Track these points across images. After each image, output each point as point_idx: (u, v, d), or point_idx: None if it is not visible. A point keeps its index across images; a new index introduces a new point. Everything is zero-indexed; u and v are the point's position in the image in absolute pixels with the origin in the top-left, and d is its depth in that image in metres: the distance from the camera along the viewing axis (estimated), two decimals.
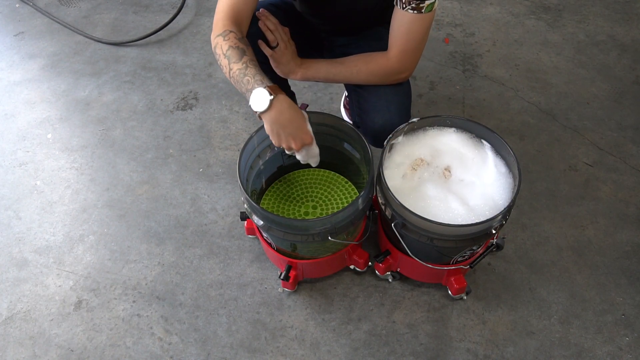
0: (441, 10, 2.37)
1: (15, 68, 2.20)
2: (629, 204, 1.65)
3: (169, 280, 1.51)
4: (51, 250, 1.60)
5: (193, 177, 1.76)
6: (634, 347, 1.35)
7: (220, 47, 1.12)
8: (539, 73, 2.08)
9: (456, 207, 1.18)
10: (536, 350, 1.35)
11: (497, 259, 1.53)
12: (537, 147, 1.81)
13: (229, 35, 1.12)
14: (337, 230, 1.18)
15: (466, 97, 1.98)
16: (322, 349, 1.36)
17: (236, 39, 1.12)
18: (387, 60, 1.25)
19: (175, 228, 1.63)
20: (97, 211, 1.69)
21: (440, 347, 1.36)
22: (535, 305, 1.44)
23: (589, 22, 2.31)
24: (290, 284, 1.41)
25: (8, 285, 1.52)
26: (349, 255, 1.42)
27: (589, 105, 1.95)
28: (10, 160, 1.85)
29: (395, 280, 1.48)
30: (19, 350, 1.39)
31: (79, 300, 1.48)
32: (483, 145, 1.29)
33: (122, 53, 2.24)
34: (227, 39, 1.11)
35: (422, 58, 2.14)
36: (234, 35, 1.12)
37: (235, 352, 1.36)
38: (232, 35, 1.12)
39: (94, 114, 1.99)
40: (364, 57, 1.28)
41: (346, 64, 1.29)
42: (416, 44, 1.21)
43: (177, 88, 2.07)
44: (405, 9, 1.14)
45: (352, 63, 1.29)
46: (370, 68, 1.27)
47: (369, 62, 1.27)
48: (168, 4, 2.49)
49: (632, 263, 1.51)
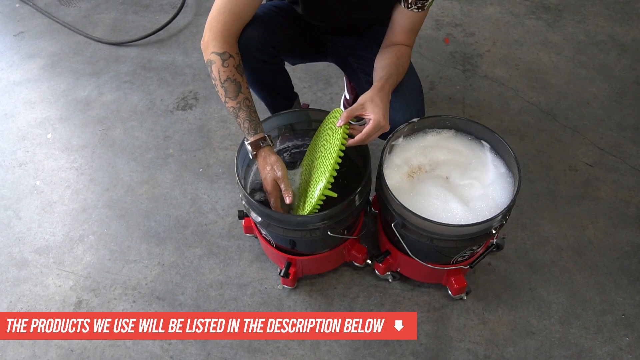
0: (441, 10, 2.37)
1: (15, 68, 2.20)
2: (629, 204, 1.65)
3: (169, 280, 1.51)
4: (51, 250, 1.60)
5: (193, 177, 1.76)
6: (634, 347, 1.35)
7: (218, 72, 1.14)
8: (539, 73, 2.08)
9: (456, 207, 1.18)
10: (536, 350, 1.35)
11: (497, 259, 1.53)
12: (537, 147, 1.81)
13: (228, 62, 1.14)
14: (336, 225, 1.19)
15: (466, 97, 1.98)
16: (322, 349, 1.36)
17: (234, 68, 1.15)
18: (406, 51, 1.28)
19: (175, 228, 1.63)
20: (97, 211, 1.69)
21: (440, 347, 1.36)
22: (535, 305, 1.43)
23: (589, 22, 2.31)
24: (290, 281, 1.41)
25: (8, 285, 1.52)
26: (348, 251, 1.43)
27: (589, 105, 1.95)
28: (10, 160, 1.85)
29: (395, 280, 1.48)
30: (19, 350, 1.39)
31: (79, 300, 1.48)
32: (483, 148, 1.29)
33: (122, 53, 2.24)
34: (226, 65, 1.13)
35: (422, 58, 2.14)
36: (233, 63, 1.14)
37: (235, 352, 1.36)
38: (231, 62, 1.14)
39: (94, 114, 1.99)
40: (394, 64, 1.23)
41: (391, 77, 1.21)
42: (416, 35, 1.30)
43: (177, 88, 2.07)
44: (410, 9, 1.20)
45: (392, 74, 1.22)
46: (405, 66, 1.28)
47: (399, 65, 1.25)
48: (168, 4, 2.49)
49: (632, 263, 1.51)
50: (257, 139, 1.16)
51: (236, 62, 1.15)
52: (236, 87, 1.14)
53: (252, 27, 1.24)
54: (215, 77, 1.15)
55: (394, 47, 1.26)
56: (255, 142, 1.17)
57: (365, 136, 1.11)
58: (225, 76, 1.14)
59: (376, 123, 1.10)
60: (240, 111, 1.15)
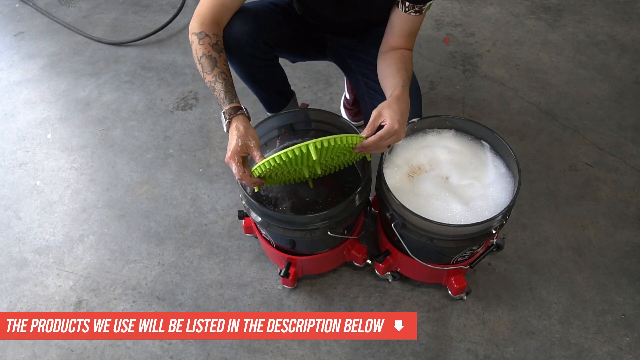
0: (441, 10, 2.37)
1: (15, 68, 2.20)
2: (629, 204, 1.65)
3: (169, 280, 1.51)
4: (51, 250, 1.60)
5: (193, 177, 1.76)
6: (634, 347, 1.35)
7: (195, 50, 1.17)
8: (539, 73, 2.08)
9: (456, 207, 1.18)
10: (536, 350, 1.35)
11: (497, 259, 1.53)
12: (537, 147, 1.81)
13: (204, 40, 1.16)
14: (336, 225, 1.19)
15: (466, 97, 1.98)
16: (322, 349, 1.36)
17: (210, 46, 1.16)
18: (410, 56, 1.27)
19: (175, 228, 1.63)
20: (97, 211, 1.69)
21: (440, 347, 1.36)
22: (535, 305, 1.43)
23: (589, 22, 2.31)
24: (290, 281, 1.41)
25: (8, 285, 1.52)
26: (348, 251, 1.43)
27: (589, 105, 1.95)
28: (10, 160, 1.85)
29: (395, 280, 1.48)
30: (19, 350, 1.39)
31: (79, 300, 1.48)
32: (483, 148, 1.29)
33: (122, 53, 2.24)
34: (202, 43, 1.16)
35: (422, 58, 2.14)
36: (208, 41, 1.16)
37: (235, 352, 1.36)
38: (207, 41, 1.16)
39: (93, 114, 1.99)
40: (404, 69, 1.22)
41: (406, 84, 1.20)
42: (415, 38, 1.29)
43: (177, 88, 2.07)
44: (408, 12, 1.20)
45: (406, 81, 1.21)
46: (411, 71, 1.26)
47: (408, 70, 1.23)
48: (168, 4, 2.49)
49: (632, 263, 1.51)
50: (232, 107, 1.14)
51: (212, 41, 1.17)
52: (212, 62, 1.15)
53: (244, 22, 1.25)
54: (195, 56, 1.17)
55: (396, 52, 1.25)
56: (229, 110, 1.13)
57: (377, 138, 1.07)
58: (201, 53, 1.15)
59: (390, 127, 1.07)
60: (216, 84, 1.15)
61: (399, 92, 1.14)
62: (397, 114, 1.09)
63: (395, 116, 1.08)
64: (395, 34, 1.25)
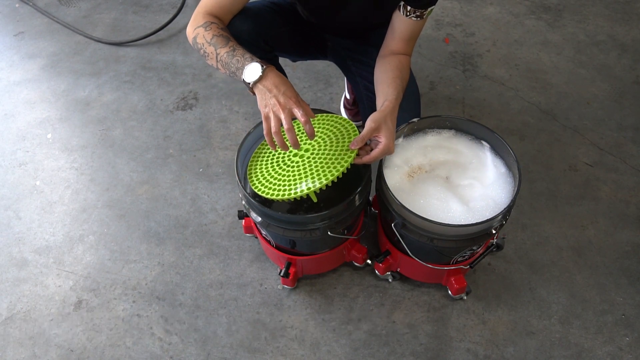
0: (441, 10, 2.37)
1: (15, 68, 2.20)
2: (629, 204, 1.65)
3: (169, 280, 1.51)
4: (51, 250, 1.60)
5: (193, 177, 1.76)
6: (634, 347, 1.35)
7: (203, 36, 1.13)
8: (539, 73, 2.08)
9: (456, 207, 1.18)
10: (536, 350, 1.35)
11: (497, 259, 1.53)
12: (537, 147, 1.81)
13: (211, 26, 1.15)
14: (336, 225, 1.19)
15: (466, 97, 1.98)
16: (322, 349, 1.36)
17: (219, 29, 1.14)
18: (407, 62, 1.27)
19: (175, 228, 1.63)
20: (97, 211, 1.69)
21: (440, 347, 1.36)
22: (535, 305, 1.43)
23: (589, 22, 2.31)
24: (290, 281, 1.41)
25: (8, 285, 1.52)
26: (348, 251, 1.43)
27: (589, 105, 1.95)
28: (10, 160, 1.85)
29: (395, 280, 1.48)
30: (19, 350, 1.39)
31: (79, 300, 1.48)
32: (483, 148, 1.29)
33: (122, 53, 2.24)
34: (210, 29, 1.14)
35: (422, 58, 2.14)
36: (217, 26, 1.15)
37: (235, 352, 1.36)
38: (215, 26, 1.15)
39: (93, 114, 1.99)
40: (400, 78, 1.22)
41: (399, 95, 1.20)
42: (415, 43, 1.29)
43: (177, 88, 2.07)
44: (409, 17, 1.20)
45: (400, 92, 1.21)
46: (407, 79, 1.26)
47: (404, 79, 1.23)
48: (168, 4, 2.49)
49: (632, 263, 1.51)
50: (262, 61, 1.08)
51: (220, 25, 1.16)
52: (225, 39, 1.12)
53: (244, 21, 1.24)
54: (202, 42, 1.13)
55: (395, 57, 1.25)
56: (261, 62, 1.06)
57: (372, 159, 1.12)
58: (211, 35, 1.12)
59: (386, 148, 1.10)
60: (235, 50, 1.10)
61: (393, 105, 1.15)
62: (391, 132, 1.11)
63: (390, 135, 1.10)
64: (395, 37, 1.25)
